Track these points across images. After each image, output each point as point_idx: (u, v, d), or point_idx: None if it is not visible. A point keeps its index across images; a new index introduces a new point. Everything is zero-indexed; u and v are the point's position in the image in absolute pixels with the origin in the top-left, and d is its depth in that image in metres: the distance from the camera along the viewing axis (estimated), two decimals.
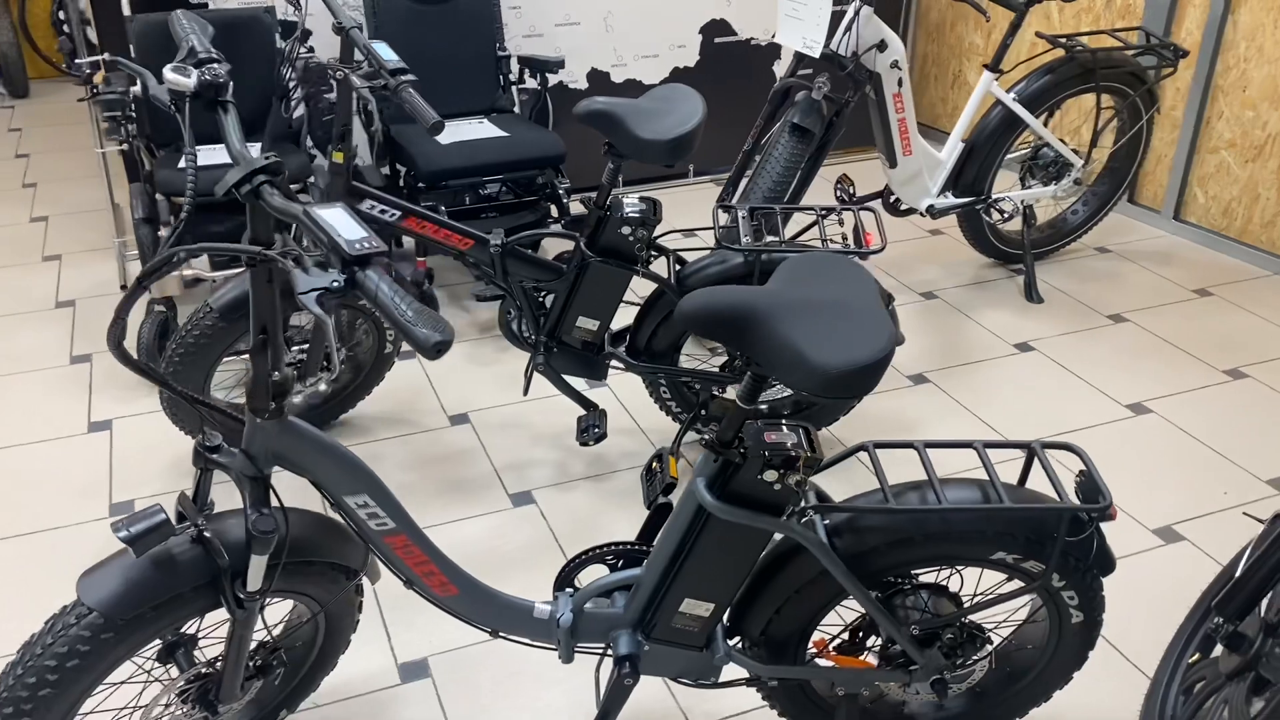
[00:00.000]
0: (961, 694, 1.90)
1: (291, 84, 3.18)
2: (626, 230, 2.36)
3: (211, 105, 1.45)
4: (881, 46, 3.09)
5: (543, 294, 2.56)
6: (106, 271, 3.63)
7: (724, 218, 2.41)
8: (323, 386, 2.74)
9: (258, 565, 1.51)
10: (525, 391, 2.57)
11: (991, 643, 1.74)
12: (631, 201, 2.37)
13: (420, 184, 3.26)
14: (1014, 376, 3.14)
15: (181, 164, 2.60)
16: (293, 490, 2.41)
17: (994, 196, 3.53)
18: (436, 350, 1.07)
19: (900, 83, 3.18)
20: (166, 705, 1.69)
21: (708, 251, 2.45)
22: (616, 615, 1.74)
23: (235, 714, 1.84)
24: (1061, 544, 1.59)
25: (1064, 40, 3.41)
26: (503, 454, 2.75)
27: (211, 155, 3.10)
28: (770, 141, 3.08)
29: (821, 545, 1.58)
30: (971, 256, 3.86)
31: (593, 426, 2.57)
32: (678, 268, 2.50)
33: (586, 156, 4.14)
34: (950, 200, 3.49)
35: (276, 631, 1.80)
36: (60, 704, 1.50)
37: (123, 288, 3.39)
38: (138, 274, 1.21)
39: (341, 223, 1.15)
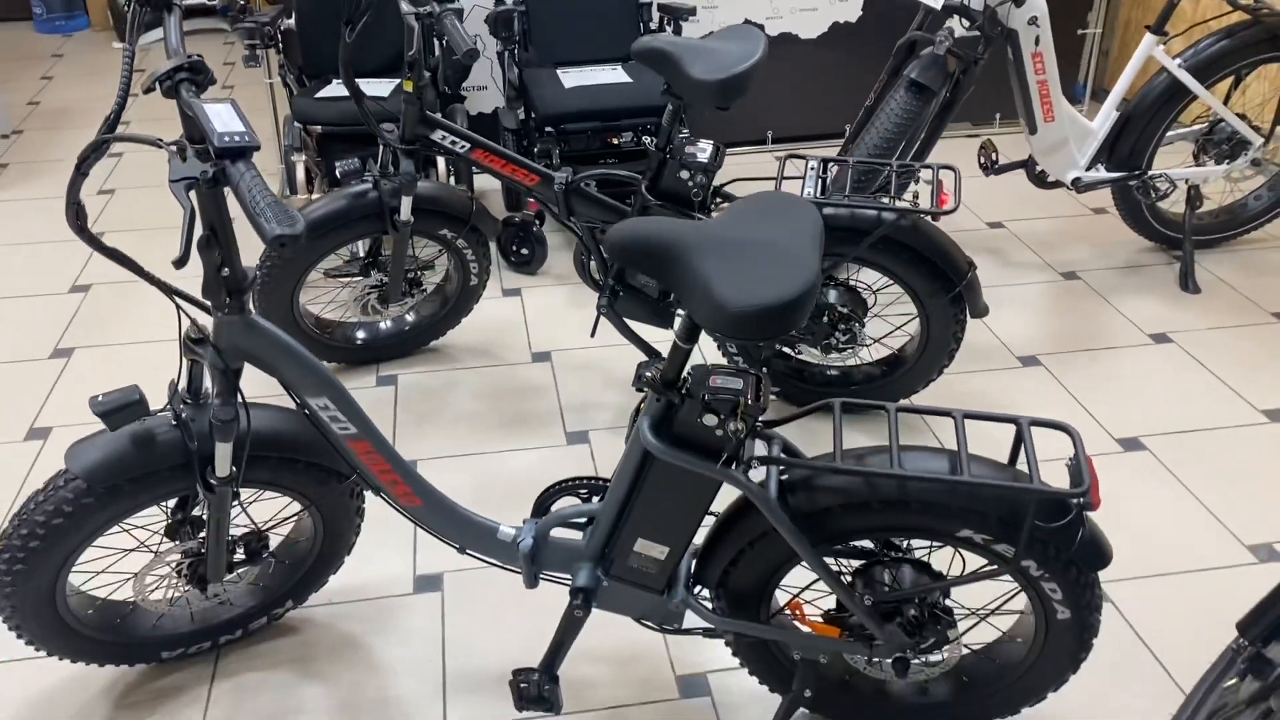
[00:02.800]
0: (945, 681, 1.78)
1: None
2: (685, 175, 2.32)
3: (158, 5, 1.52)
4: (1018, 1, 2.87)
5: None
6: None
7: (789, 167, 2.32)
8: (410, 316, 2.86)
9: (223, 452, 1.61)
10: (593, 333, 2.59)
11: (956, 626, 1.63)
12: (694, 146, 2.33)
13: (542, 127, 3.32)
14: (1140, 369, 2.88)
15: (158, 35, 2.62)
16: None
17: (1151, 173, 3.22)
18: (278, 242, 1.10)
19: (1038, 41, 2.94)
20: (162, 575, 1.84)
21: None
22: (578, 547, 1.74)
23: (241, 595, 1.98)
24: (1030, 528, 1.46)
25: (1248, 2, 3.05)
26: (572, 393, 2.78)
27: (341, 88, 3.27)
28: (888, 98, 2.93)
29: (765, 498, 1.52)
30: (1132, 239, 3.54)
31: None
32: None
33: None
34: (1100, 174, 3.22)
35: (267, 524, 1.91)
36: (49, 559, 1.66)
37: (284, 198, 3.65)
38: (77, 155, 1.31)
39: (223, 118, 1.20)
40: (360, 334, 2.84)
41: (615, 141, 3.39)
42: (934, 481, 1.48)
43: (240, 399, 1.60)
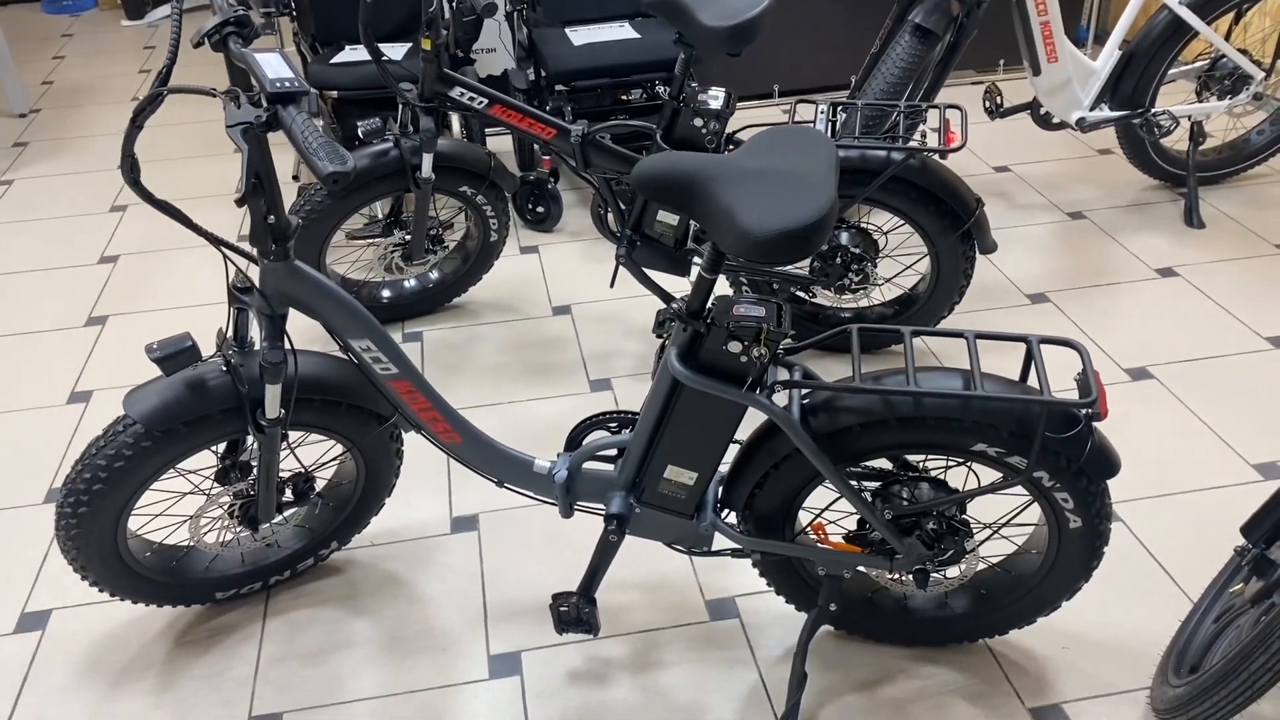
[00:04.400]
0: (964, 595, 1.87)
1: None
2: (699, 122, 2.39)
3: None
4: None
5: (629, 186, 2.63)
6: (282, 163, 3.98)
7: (800, 112, 2.39)
8: (433, 274, 2.94)
9: (273, 394, 1.70)
10: (612, 283, 2.67)
11: (973, 536, 1.71)
12: (706, 94, 2.39)
13: (552, 85, 3.38)
14: (1146, 302, 2.95)
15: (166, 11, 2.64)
16: None
17: (1154, 110, 3.27)
18: (331, 180, 1.18)
19: None
20: (215, 518, 1.93)
21: None
22: (611, 477, 1.82)
23: (289, 538, 2.07)
24: (1041, 438, 1.54)
25: None
26: (593, 343, 2.86)
27: (355, 53, 3.34)
28: (893, 43, 2.98)
29: (788, 419, 1.60)
30: (1137, 179, 3.60)
31: (670, 320, 2.63)
32: None
33: (729, 63, 4.13)
34: (1104, 113, 3.27)
35: (313, 466, 2.00)
36: (111, 502, 1.75)
37: (294, 178, 3.72)
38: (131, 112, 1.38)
39: (273, 66, 1.27)
40: (386, 293, 2.92)
41: (625, 97, 3.44)
42: (948, 397, 1.56)
43: (288, 343, 1.68)
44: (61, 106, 4.68)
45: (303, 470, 1.94)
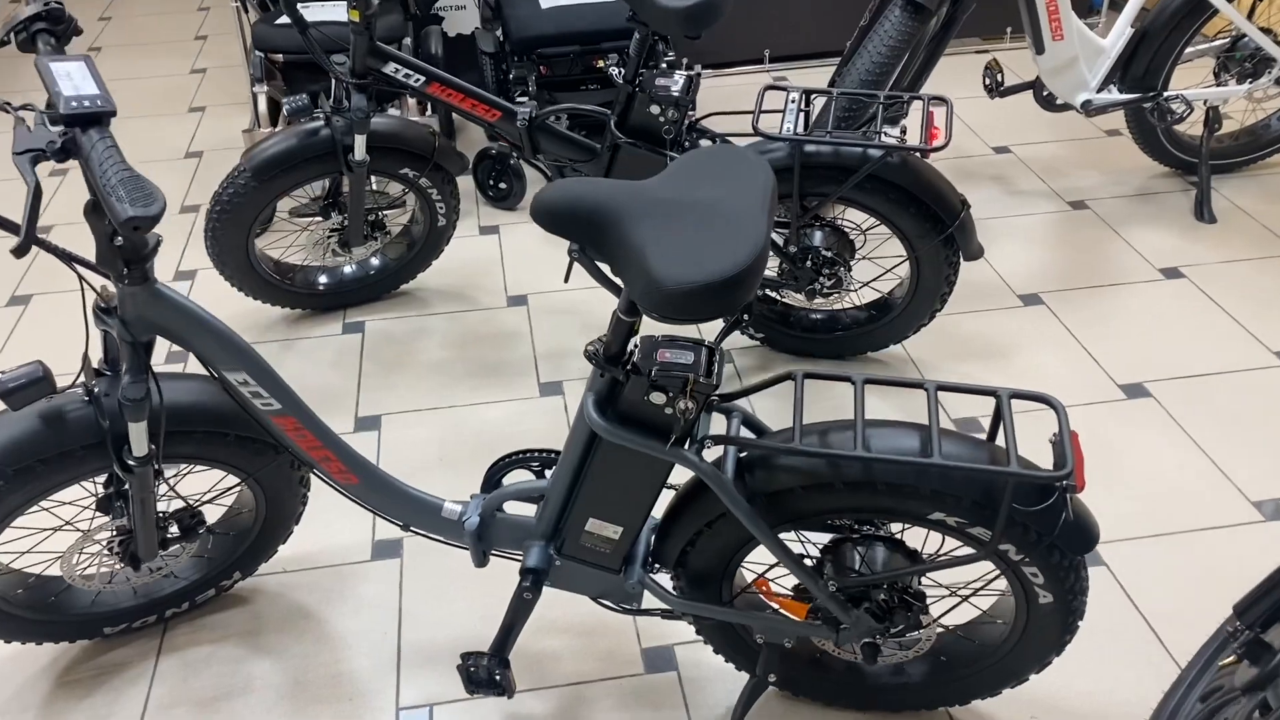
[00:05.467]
0: (922, 661, 1.68)
1: None
2: (656, 110, 2.15)
3: None
4: None
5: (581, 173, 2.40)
6: (240, 125, 3.75)
7: (769, 99, 2.15)
8: (375, 260, 2.72)
9: (137, 431, 1.49)
10: (566, 279, 2.43)
11: (928, 611, 1.51)
12: (665, 78, 2.16)
13: (517, 52, 3.13)
14: (1148, 307, 2.72)
15: None
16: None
17: (1167, 94, 3.01)
18: (131, 226, 0.97)
19: None
20: (94, 554, 1.74)
21: (753, 138, 2.20)
22: (528, 525, 1.63)
23: (186, 568, 1.88)
24: (1007, 511, 1.33)
25: None
26: (548, 340, 2.65)
27: (320, 12, 3.09)
28: (882, 17, 2.72)
29: (719, 480, 1.39)
30: (1145, 164, 3.35)
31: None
32: None
33: (718, 30, 3.86)
34: (1112, 96, 3.01)
35: (200, 499, 1.80)
36: None
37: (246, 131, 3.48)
38: None
39: (74, 79, 1.05)
40: (322, 279, 2.70)
41: (599, 64, 3.20)
42: (902, 464, 1.35)
43: (151, 374, 1.47)
44: None
45: (187, 506, 1.74)
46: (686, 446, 1.39)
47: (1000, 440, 1.39)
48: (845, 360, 2.53)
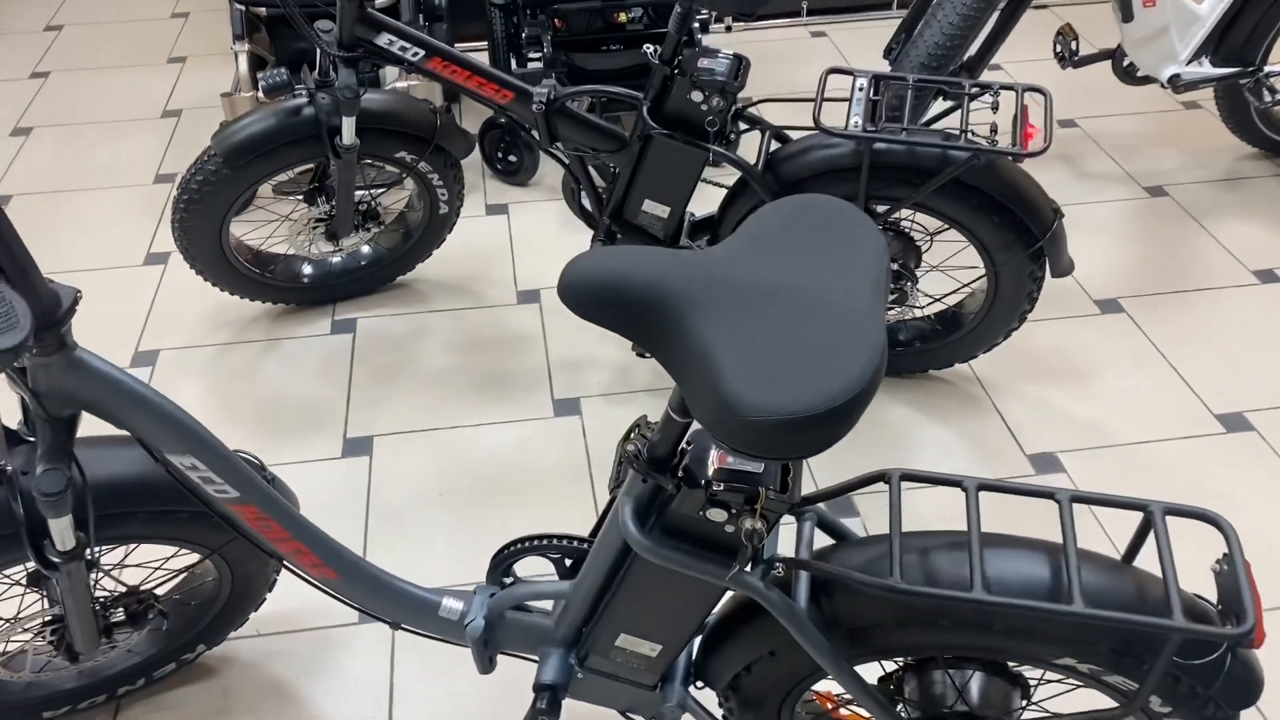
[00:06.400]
0: None
1: None
2: (698, 97, 1.82)
3: None
4: None
5: (614, 166, 2.07)
6: (224, 81, 3.39)
7: (832, 84, 1.82)
8: (366, 249, 2.39)
9: (60, 527, 1.20)
10: None
11: None
12: (710, 59, 1.81)
13: (530, 7, 2.77)
14: (1242, 316, 2.40)
15: None
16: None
17: (1268, 69, 2.66)
18: None
19: None
20: (28, 640, 1.45)
21: (812, 131, 1.86)
22: (546, 629, 1.33)
23: (142, 642, 1.60)
24: (1164, 668, 1.04)
25: None
26: (563, 345, 2.34)
27: None
28: None
29: (792, 613, 1.10)
30: (1230, 144, 2.99)
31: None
32: (774, 147, 1.94)
33: None
34: (1204, 70, 2.65)
35: (148, 581, 1.51)
36: None
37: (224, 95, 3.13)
38: None
39: None
40: (307, 270, 2.38)
41: (622, 19, 2.83)
42: (1034, 610, 1.04)
43: (73, 460, 1.17)
44: None
45: (133, 591, 1.45)
46: (750, 568, 1.09)
47: (1140, 558, 1.09)
48: (903, 377, 2.22)
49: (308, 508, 1.96)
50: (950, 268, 2.24)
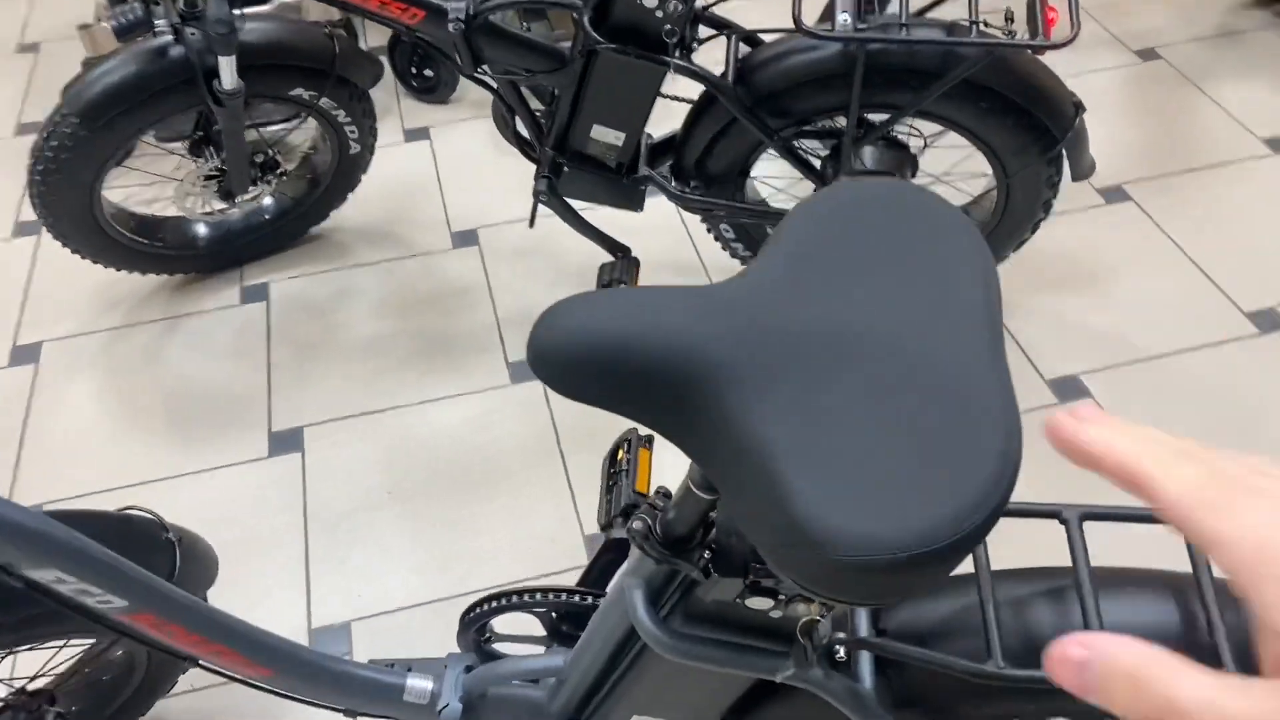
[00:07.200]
0: None
1: None
2: (651, 1, 1.49)
3: None
4: None
5: (554, 89, 1.74)
6: (84, 7, 2.94)
7: None
8: (267, 200, 2.05)
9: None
10: (531, 223, 1.82)
11: None
12: None
13: None
14: (1258, 192, 2.17)
15: None
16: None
17: None
18: None
19: None
20: None
21: (791, 31, 1.55)
22: (538, 702, 1.09)
23: None
24: None
25: None
26: (512, 296, 2.05)
27: None
28: None
29: (858, 698, 0.86)
30: None
31: (617, 281, 1.82)
32: (744, 51, 1.63)
33: None
34: None
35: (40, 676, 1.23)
36: None
37: (83, 27, 2.70)
38: None
39: None
40: (202, 231, 2.04)
41: None
42: None
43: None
44: None
45: (21, 689, 1.17)
46: (807, 655, 0.84)
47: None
48: None
49: (233, 523, 1.69)
50: (954, 178, 1.96)
